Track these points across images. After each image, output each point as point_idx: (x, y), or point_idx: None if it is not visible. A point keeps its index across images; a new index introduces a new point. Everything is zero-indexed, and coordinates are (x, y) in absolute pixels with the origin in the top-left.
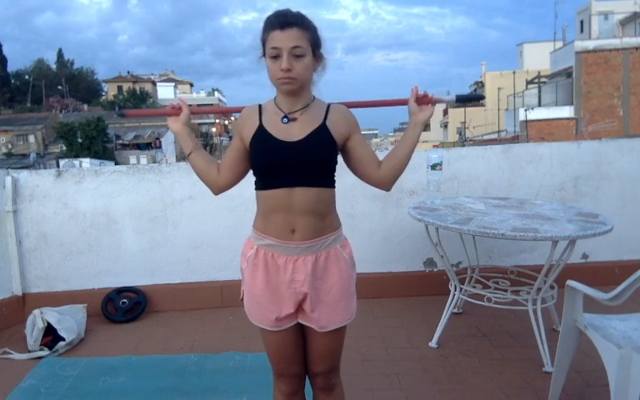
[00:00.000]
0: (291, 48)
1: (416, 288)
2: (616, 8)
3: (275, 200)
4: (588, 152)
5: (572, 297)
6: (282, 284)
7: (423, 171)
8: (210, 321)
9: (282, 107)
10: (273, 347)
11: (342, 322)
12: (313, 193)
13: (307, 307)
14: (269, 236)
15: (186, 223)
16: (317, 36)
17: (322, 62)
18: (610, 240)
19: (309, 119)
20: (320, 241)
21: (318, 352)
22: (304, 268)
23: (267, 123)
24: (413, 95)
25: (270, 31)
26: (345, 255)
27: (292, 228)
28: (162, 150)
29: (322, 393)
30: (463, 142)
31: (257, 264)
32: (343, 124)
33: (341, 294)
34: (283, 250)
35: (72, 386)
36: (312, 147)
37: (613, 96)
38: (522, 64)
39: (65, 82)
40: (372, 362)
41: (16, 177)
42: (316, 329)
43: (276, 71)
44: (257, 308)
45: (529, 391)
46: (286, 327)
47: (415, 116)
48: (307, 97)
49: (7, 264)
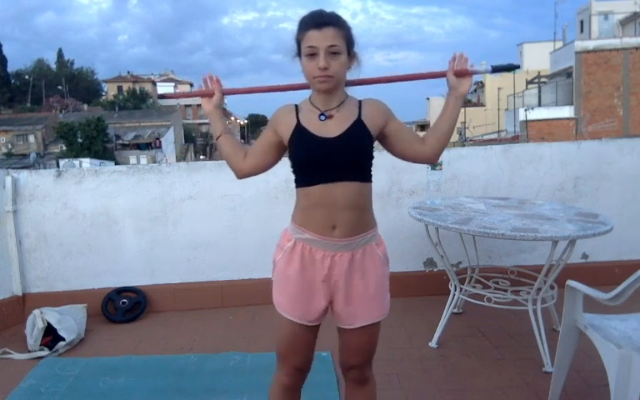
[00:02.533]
0: (327, 47)
1: (416, 288)
2: (616, 8)
3: (316, 196)
4: (588, 152)
5: (572, 297)
6: (317, 278)
7: (423, 171)
8: (210, 321)
9: (318, 106)
10: (289, 338)
11: (377, 317)
12: (354, 188)
13: (340, 302)
14: (309, 230)
15: (186, 223)
16: (351, 35)
17: (355, 61)
18: (610, 240)
19: (345, 115)
20: (358, 238)
21: (355, 347)
22: (341, 264)
23: (304, 121)
24: (451, 68)
25: (306, 30)
26: (379, 253)
27: (333, 224)
28: (162, 150)
29: (356, 385)
30: (463, 142)
31: (293, 257)
32: (378, 115)
33: (375, 290)
34: (322, 246)
35: (72, 386)
36: (350, 142)
37: (613, 96)
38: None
39: (65, 82)
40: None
41: (16, 177)
42: (345, 327)
43: (313, 69)
44: (288, 299)
45: (529, 391)
46: (315, 323)
47: (456, 89)
48: (342, 94)
49: (7, 264)
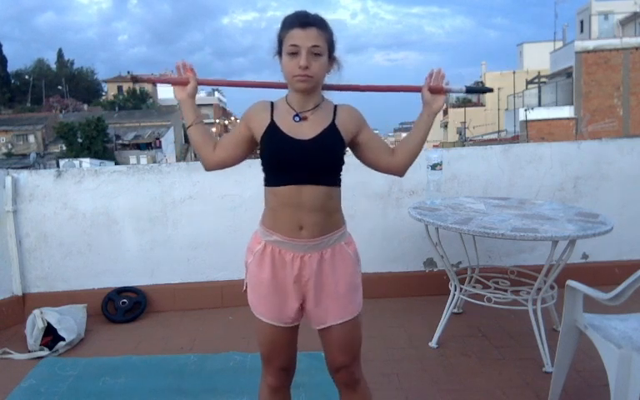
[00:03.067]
0: (310, 47)
1: (416, 288)
2: (616, 8)
3: (284, 197)
4: (588, 152)
5: (572, 297)
6: (288, 279)
7: (423, 171)
8: (210, 321)
9: (294, 106)
10: (268, 339)
11: (348, 315)
12: (322, 191)
13: (311, 302)
14: (277, 232)
15: (186, 223)
16: (333, 39)
17: (335, 65)
18: (610, 240)
19: (319, 119)
20: (326, 238)
21: (335, 345)
22: (310, 265)
23: (278, 120)
24: (427, 84)
25: (290, 29)
26: (349, 251)
27: (300, 225)
28: (162, 150)
29: (347, 390)
30: (463, 142)
31: (264, 259)
32: (352, 122)
33: (346, 289)
34: (291, 247)
35: (72, 386)
36: (322, 147)
37: (613, 96)
38: (522, 64)
39: (65, 82)
40: (372, 362)
41: (16, 177)
42: (318, 328)
43: (293, 68)
44: (262, 302)
45: (529, 391)
46: (291, 325)
47: (429, 106)
48: (318, 97)
49: (7, 264)
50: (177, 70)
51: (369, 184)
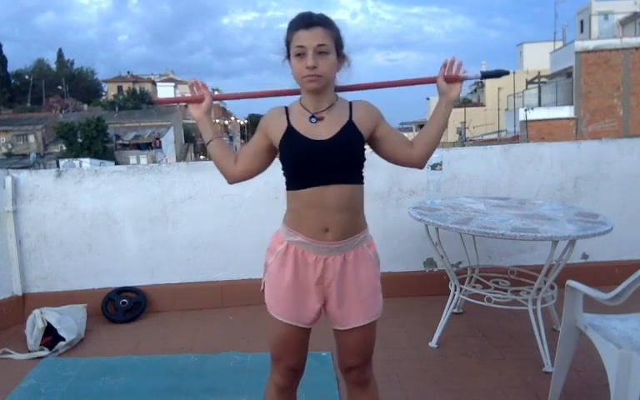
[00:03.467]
0: (316, 46)
1: (416, 288)
2: (616, 8)
3: (308, 199)
4: (588, 152)
5: (572, 297)
6: (310, 281)
7: (423, 171)
8: (210, 321)
9: (308, 108)
10: (282, 339)
11: (371, 317)
12: (346, 190)
13: (333, 304)
14: (301, 233)
15: (186, 223)
16: (340, 36)
17: (344, 62)
18: (610, 240)
19: (335, 117)
20: (350, 241)
21: (352, 348)
22: (333, 267)
23: (295, 123)
24: (442, 74)
25: (295, 31)
26: (371, 254)
27: (326, 227)
28: (162, 150)
29: (357, 388)
30: (463, 142)
31: (286, 260)
32: (368, 117)
33: (368, 291)
34: (314, 249)
35: (72, 386)
36: (342, 145)
37: (613, 96)
38: (522, 64)
39: (65, 82)
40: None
41: (16, 177)
42: (341, 329)
43: (301, 69)
44: (280, 302)
45: (529, 391)
46: (309, 325)
47: (446, 95)
48: (332, 96)
49: (7, 264)
50: (189, 89)
51: (369, 184)
